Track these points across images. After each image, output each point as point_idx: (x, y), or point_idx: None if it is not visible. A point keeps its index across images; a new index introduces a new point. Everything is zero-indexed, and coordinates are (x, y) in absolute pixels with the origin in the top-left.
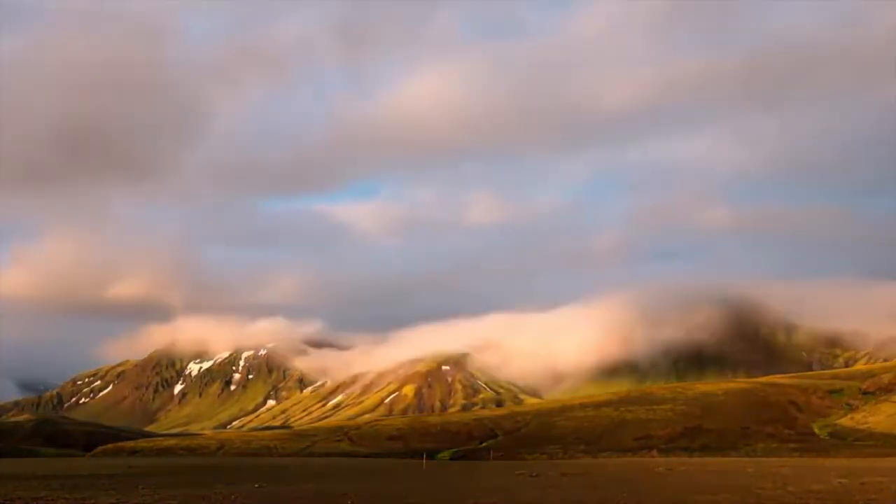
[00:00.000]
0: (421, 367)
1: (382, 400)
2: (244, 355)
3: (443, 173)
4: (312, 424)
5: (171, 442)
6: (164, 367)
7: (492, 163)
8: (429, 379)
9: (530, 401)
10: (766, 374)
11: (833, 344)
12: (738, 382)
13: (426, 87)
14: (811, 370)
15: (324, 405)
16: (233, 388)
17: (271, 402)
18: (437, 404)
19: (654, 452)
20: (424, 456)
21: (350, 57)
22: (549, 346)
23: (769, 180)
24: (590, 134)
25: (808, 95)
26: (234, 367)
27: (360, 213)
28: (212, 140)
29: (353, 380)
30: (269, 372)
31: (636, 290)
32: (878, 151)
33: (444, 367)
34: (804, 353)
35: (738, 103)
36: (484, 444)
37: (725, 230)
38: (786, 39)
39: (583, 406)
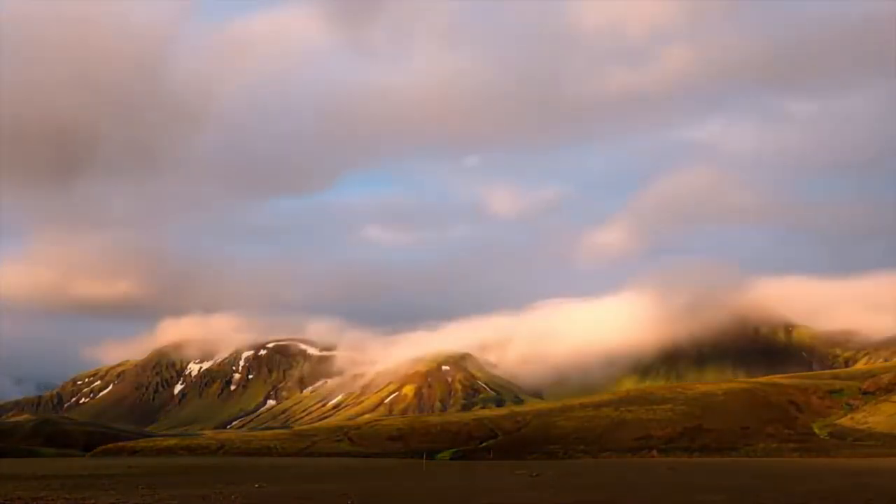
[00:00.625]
0: (421, 367)
1: (382, 400)
2: (244, 355)
3: (445, 166)
4: (312, 424)
5: (172, 442)
6: (164, 367)
7: (496, 154)
8: (429, 379)
9: (531, 401)
10: (766, 374)
11: (833, 344)
12: (738, 382)
13: (428, 78)
14: (811, 370)
15: (324, 405)
16: (233, 388)
17: (271, 402)
18: (437, 404)
19: (654, 452)
20: (424, 456)
21: (351, 48)
22: (549, 344)
23: (775, 175)
24: (595, 124)
25: (817, 88)
26: (234, 367)
27: (361, 210)
28: (210, 136)
29: (354, 379)
30: (269, 372)
31: (638, 287)
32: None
33: (444, 367)
34: (804, 353)
35: (751, 91)
36: (484, 444)
37: (729, 227)
38: (808, 25)
39: (583, 406)
